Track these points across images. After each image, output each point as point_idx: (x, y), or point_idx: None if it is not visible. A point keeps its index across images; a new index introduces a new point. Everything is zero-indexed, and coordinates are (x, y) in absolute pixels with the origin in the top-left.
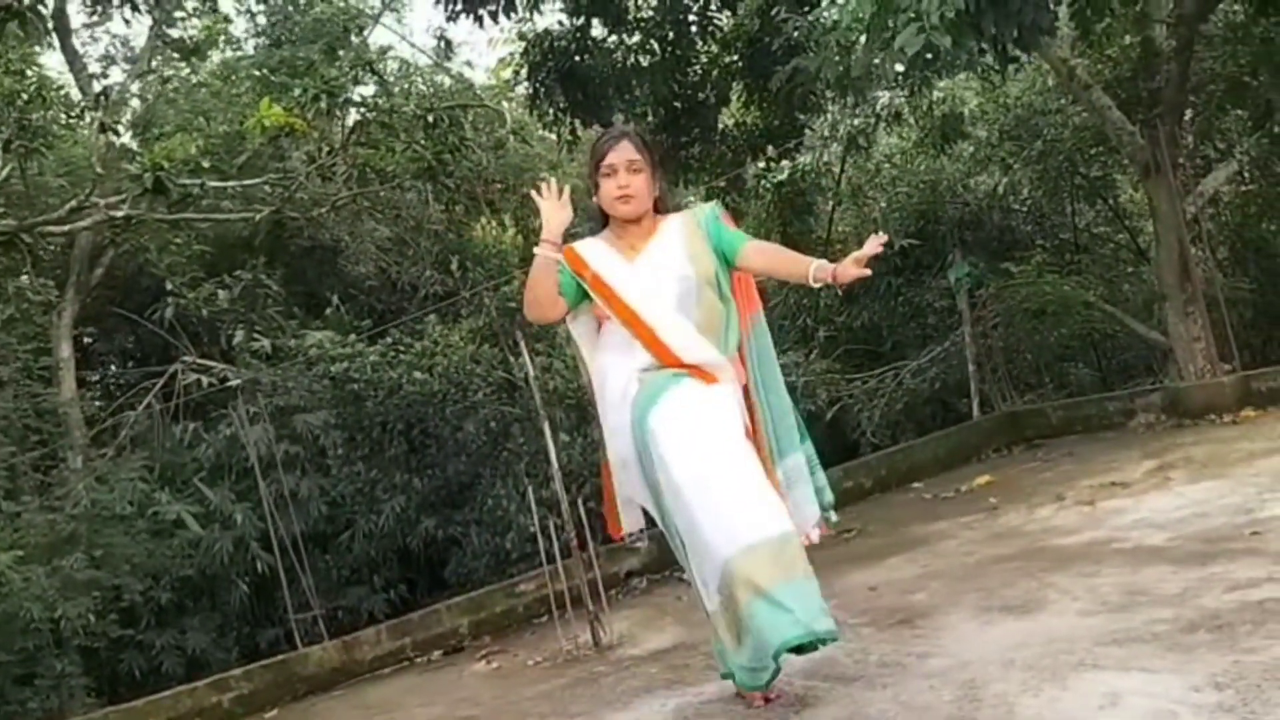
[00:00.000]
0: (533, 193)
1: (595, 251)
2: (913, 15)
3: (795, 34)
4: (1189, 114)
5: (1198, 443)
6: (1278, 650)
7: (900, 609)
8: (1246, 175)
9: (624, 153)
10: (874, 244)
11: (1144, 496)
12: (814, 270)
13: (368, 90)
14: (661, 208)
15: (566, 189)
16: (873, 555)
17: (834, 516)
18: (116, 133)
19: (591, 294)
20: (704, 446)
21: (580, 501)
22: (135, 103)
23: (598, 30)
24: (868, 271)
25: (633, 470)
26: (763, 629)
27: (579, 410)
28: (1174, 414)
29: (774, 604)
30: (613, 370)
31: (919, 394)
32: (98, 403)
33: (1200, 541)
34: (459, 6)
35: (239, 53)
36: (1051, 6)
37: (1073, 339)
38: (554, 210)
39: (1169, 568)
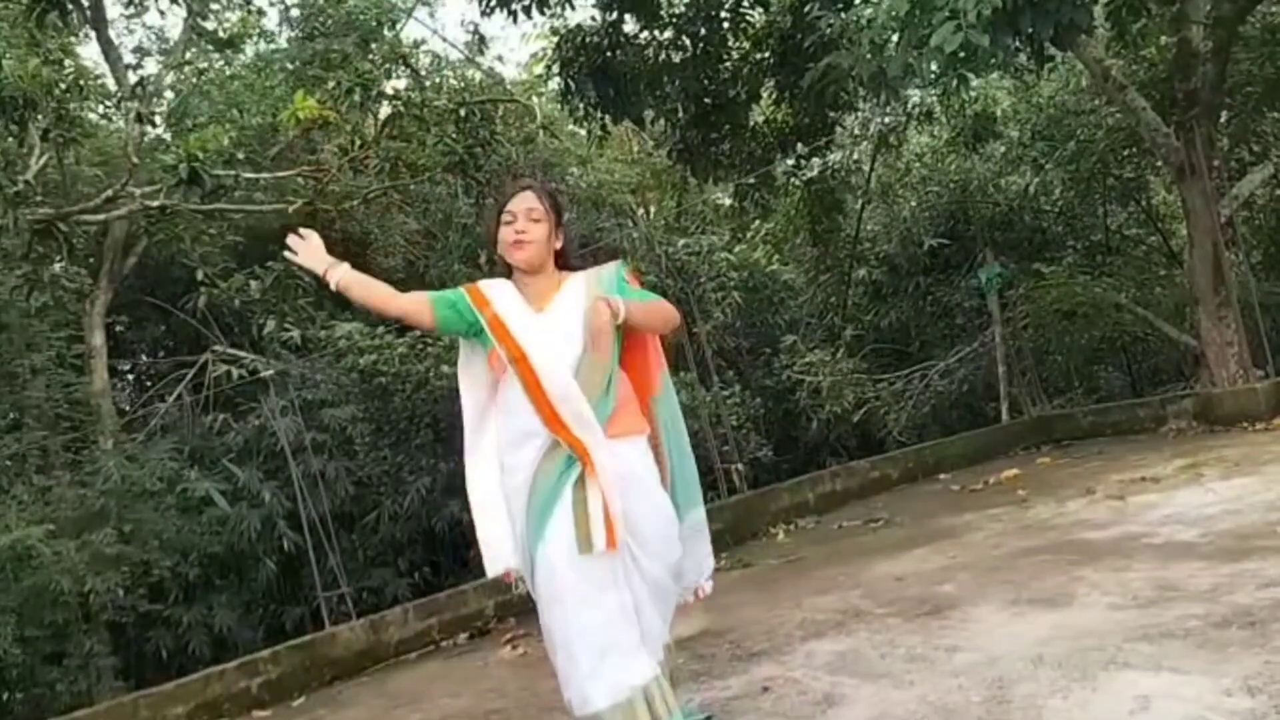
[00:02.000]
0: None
1: (501, 293)
2: (949, 13)
3: (828, 31)
4: (1225, 116)
5: (1230, 445)
6: None
7: (927, 600)
8: None
9: (524, 201)
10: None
11: (1175, 492)
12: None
13: (400, 84)
14: (565, 264)
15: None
16: (899, 545)
17: (710, 586)
18: (153, 123)
19: (490, 336)
20: (577, 601)
21: None
22: (169, 94)
23: (630, 26)
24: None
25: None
26: None
27: None
28: (1205, 420)
29: None
30: (508, 453)
31: (946, 396)
32: (128, 391)
33: (1232, 538)
34: (493, 1)
35: (272, 45)
36: (1089, 6)
37: (1103, 342)
38: (308, 253)
39: (1200, 563)
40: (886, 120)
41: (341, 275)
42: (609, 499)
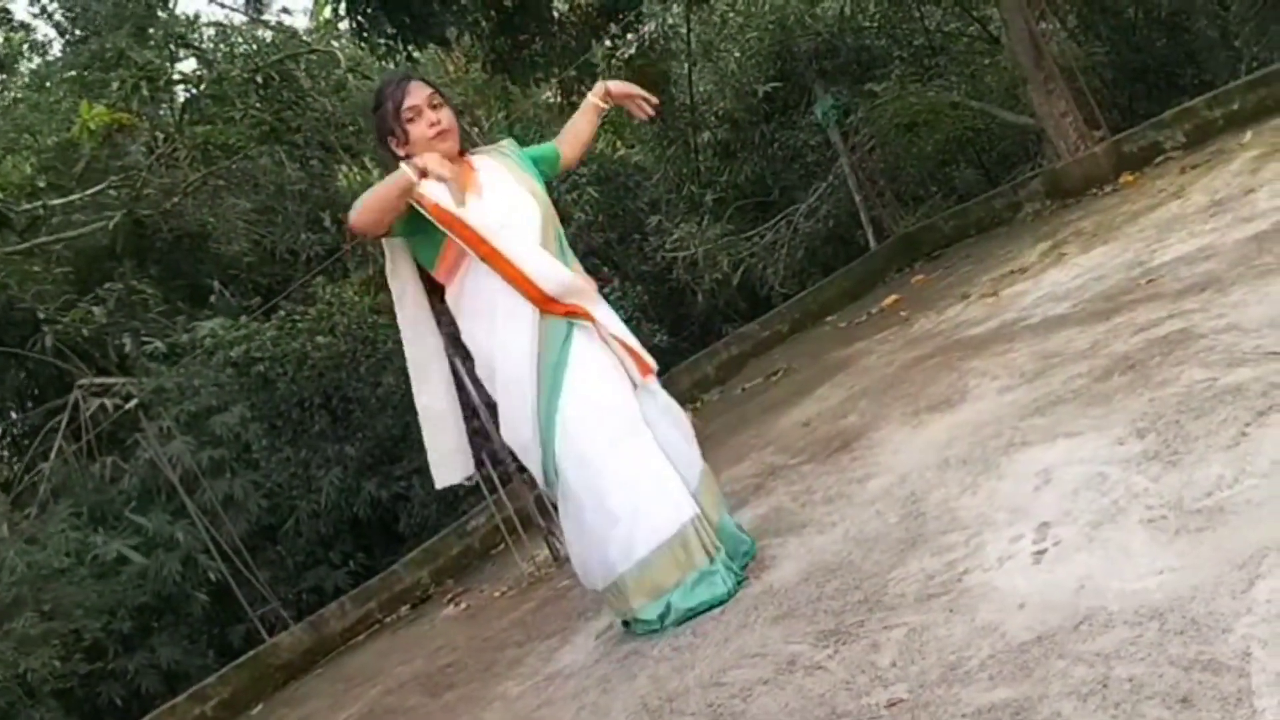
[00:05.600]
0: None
1: (430, 187)
2: None
3: None
4: None
5: (1084, 217)
6: (1186, 376)
7: (835, 436)
8: None
9: (419, 91)
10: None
11: (1042, 276)
12: (592, 102)
13: (189, 65)
14: (466, 146)
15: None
16: (801, 390)
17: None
18: None
19: (438, 225)
20: (605, 451)
21: None
22: None
23: None
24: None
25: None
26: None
27: None
28: (1057, 195)
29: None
30: (493, 337)
31: (816, 235)
32: (4, 455)
33: (1102, 300)
34: None
35: (48, 57)
36: None
37: (948, 143)
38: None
39: (1076, 329)
40: None
41: (408, 173)
42: (620, 335)
